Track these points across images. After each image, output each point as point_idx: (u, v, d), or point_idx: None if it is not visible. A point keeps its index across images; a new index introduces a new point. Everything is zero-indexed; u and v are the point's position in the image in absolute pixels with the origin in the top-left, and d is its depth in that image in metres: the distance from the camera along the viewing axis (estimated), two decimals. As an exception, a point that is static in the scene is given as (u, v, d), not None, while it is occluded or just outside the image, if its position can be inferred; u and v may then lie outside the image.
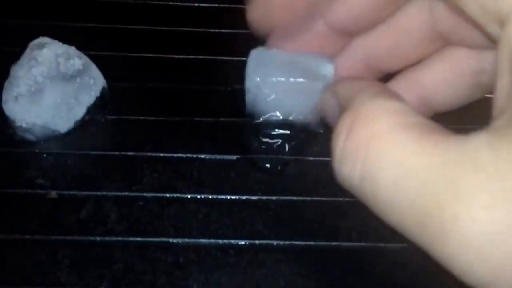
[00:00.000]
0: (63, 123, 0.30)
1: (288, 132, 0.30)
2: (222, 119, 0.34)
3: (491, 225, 0.12)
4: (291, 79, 0.29)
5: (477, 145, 0.13)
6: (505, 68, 0.14)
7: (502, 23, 0.13)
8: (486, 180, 0.13)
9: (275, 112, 0.30)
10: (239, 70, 0.37)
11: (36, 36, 0.33)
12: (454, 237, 0.13)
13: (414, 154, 0.15)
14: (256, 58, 0.31)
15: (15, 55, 0.32)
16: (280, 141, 0.31)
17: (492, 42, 0.15)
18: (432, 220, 0.13)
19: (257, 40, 0.39)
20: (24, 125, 0.29)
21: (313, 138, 0.31)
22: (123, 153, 0.31)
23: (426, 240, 0.14)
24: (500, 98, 0.14)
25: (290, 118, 0.30)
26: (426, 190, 0.14)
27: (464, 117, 0.33)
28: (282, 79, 0.29)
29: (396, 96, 0.17)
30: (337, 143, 0.16)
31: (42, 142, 0.31)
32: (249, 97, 0.30)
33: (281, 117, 0.30)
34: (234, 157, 0.32)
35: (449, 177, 0.13)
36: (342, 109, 0.18)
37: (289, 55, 0.29)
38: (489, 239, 0.12)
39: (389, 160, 0.15)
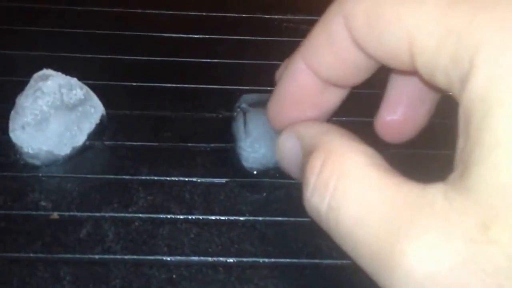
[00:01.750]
0: (66, 149, 0.33)
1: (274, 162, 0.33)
2: (212, 144, 0.36)
3: (434, 265, 0.14)
4: None
5: (434, 193, 0.15)
6: (461, 127, 0.16)
7: (462, 85, 0.15)
8: (436, 225, 0.14)
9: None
10: (229, 99, 0.40)
11: (39, 67, 0.35)
12: (400, 271, 0.15)
13: (378, 192, 0.16)
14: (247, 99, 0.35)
15: (20, 85, 0.35)
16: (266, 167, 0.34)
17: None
18: (383, 253, 0.15)
19: (243, 70, 0.42)
20: (30, 151, 0.31)
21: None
22: (120, 176, 0.34)
23: (375, 271, 0.16)
24: (458, 154, 0.16)
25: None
26: (384, 226, 0.15)
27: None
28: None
29: (360, 140, 0.19)
30: (310, 177, 0.18)
31: (45, 166, 0.33)
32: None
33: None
34: (224, 180, 0.34)
35: (405, 217, 0.15)
36: (308, 149, 0.20)
37: None
38: (431, 278, 0.14)
39: (354, 195, 0.17)
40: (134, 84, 0.40)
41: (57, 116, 0.32)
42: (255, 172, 0.34)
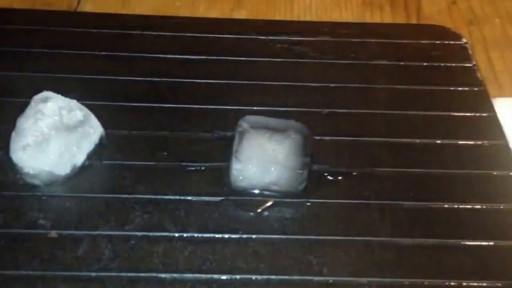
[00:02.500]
0: (66, 169, 0.34)
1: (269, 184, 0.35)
2: (207, 163, 0.37)
3: None
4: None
5: None
6: None
7: None
8: None
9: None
10: (224, 119, 0.41)
11: (39, 88, 0.37)
12: None
13: None
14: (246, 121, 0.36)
15: (20, 106, 0.36)
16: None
17: None
18: None
19: (238, 90, 0.43)
20: (31, 172, 0.33)
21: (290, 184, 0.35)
22: (117, 195, 0.35)
23: None
24: None
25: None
26: None
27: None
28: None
29: None
30: None
31: (45, 186, 0.34)
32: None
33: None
34: (218, 198, 0.35)
35: None
36: None
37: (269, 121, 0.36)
38: None
39: None
40: (133, 104, 0.41)
41: (57, 137, 0.33)
42: (255, 191, 0.35)
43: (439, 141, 0.39)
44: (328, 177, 0.37)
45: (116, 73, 0.43)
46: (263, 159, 0.34)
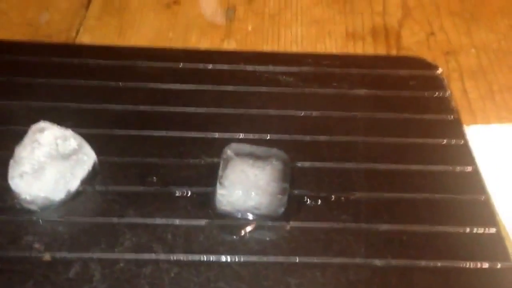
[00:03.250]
0: (61, 194, 0.36)
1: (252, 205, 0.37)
2: (194, 188, 0.39)
3: None
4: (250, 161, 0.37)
5: None
6: None
7: None
8: None
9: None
10: (211, 146, 0.43)
11: (36, 117, 0.39)
12: None
13: None
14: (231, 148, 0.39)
15: (18, 134, 0.38)
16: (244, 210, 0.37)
17: None
18: None
19: (226, 119, 0.45)
20: (28, 198, 0.35)
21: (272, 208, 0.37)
22: (108, 219, 0.37)
23: None
24: None
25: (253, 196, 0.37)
26: None
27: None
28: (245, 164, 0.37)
29: None
30: None
31: (40, 210, 0.36)
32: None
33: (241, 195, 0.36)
34: (203, 222, 0.37)
35: None
36: None
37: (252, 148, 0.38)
38: None
39: None
40: (124, 132, 0.43)
41: (53, 164, 0.35)
42: (238, 215, 0.37)
43: (413, 167, 0.42)
44: (308, 201, 0.39)
45: (110, 102, 0.46)
46: (246, 185, 0.37)
